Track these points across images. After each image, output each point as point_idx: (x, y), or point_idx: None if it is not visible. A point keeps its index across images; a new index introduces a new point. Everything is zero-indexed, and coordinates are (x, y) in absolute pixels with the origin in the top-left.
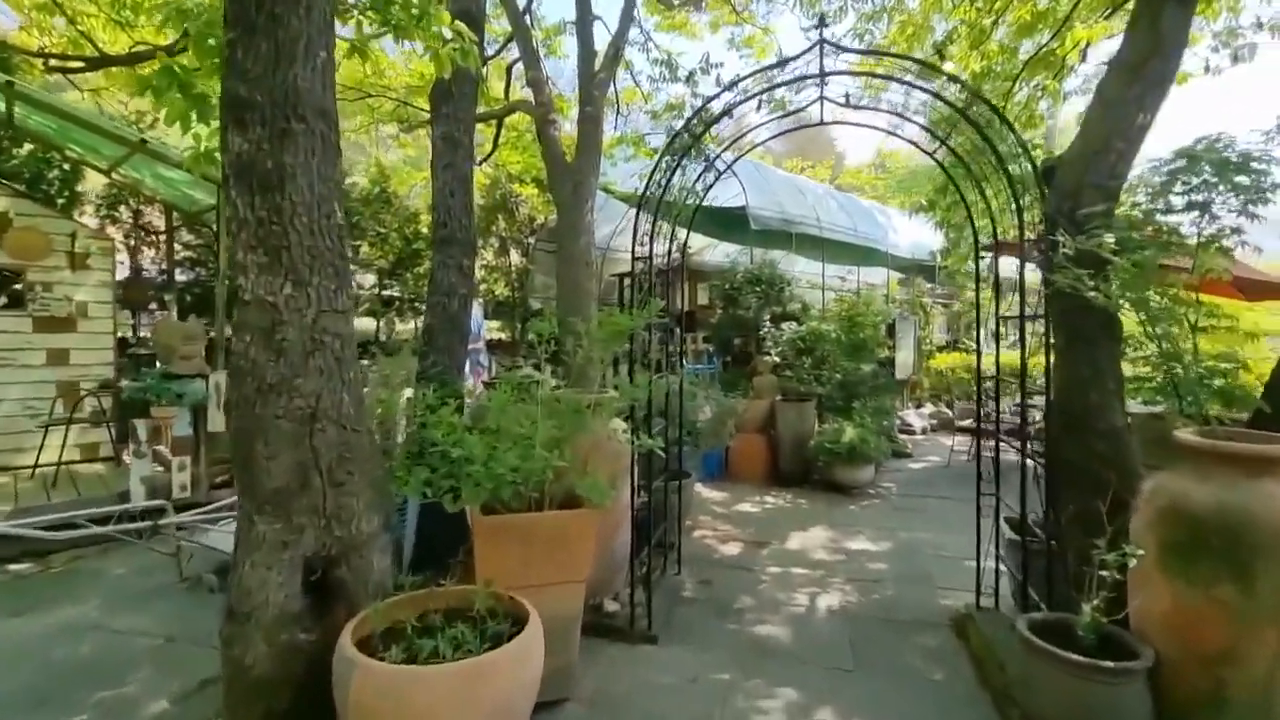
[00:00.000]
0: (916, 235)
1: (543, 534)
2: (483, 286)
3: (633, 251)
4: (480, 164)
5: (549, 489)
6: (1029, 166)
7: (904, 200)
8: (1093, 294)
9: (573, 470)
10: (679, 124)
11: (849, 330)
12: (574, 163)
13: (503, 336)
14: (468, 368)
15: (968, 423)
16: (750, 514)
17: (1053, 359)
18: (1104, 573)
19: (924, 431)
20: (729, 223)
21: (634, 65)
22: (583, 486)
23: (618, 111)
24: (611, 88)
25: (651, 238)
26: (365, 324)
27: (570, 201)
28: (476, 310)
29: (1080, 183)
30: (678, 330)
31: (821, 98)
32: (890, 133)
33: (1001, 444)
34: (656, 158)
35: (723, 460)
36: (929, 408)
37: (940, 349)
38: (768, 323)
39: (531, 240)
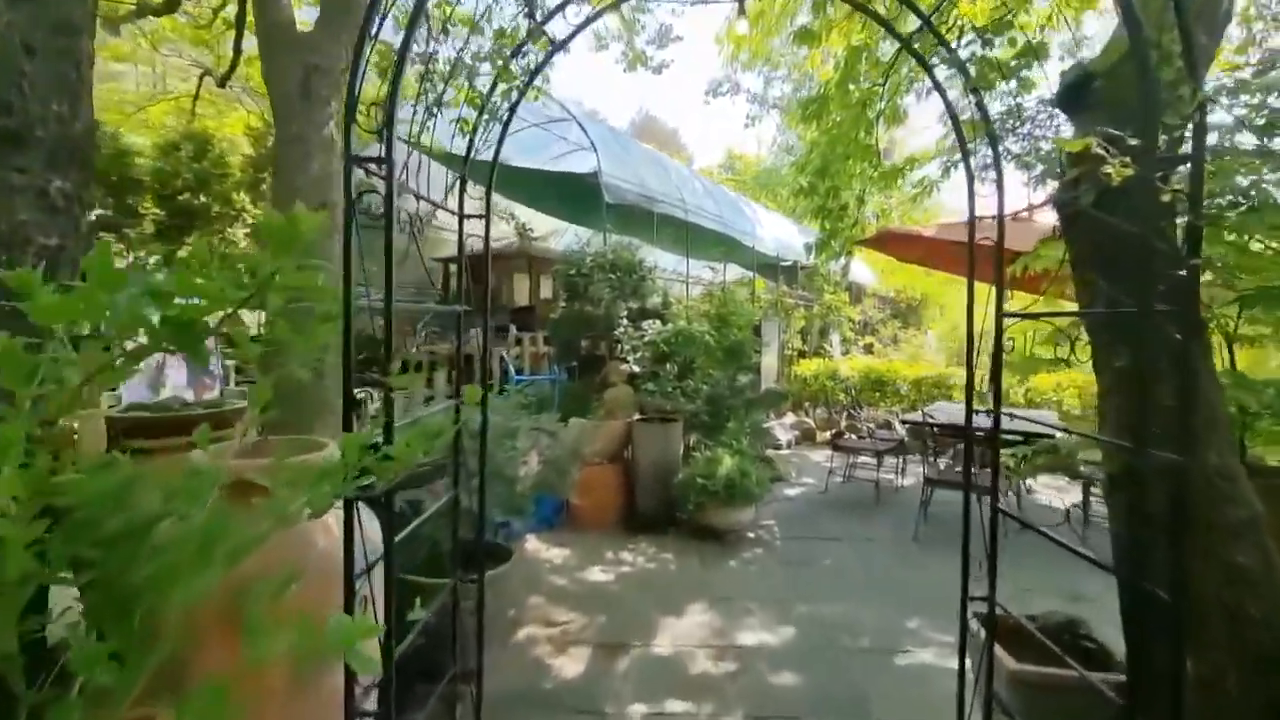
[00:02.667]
0: (779, 232)
1: None
2: None
3: (387, 142)
4: (222, 84)
5: None
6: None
7: (760, 195)
8: None
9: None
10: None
11: (720, 331)
12: (311, 34)
13: None
14: (182, 381)
15: (828, 435)
16: (601, 586)
17: (1105, 391)
18: None
19: (789, 445)
20: (578, 196)
21: None
22: None
23: (429, 34)
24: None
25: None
26: None
27: (296, 98)
28: None
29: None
30: (512, 329)
31: None
32: None
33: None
34: None
35: (563, 501)
36: (790, 417)
37: (800, 354)
38: (624, 320)
39: None
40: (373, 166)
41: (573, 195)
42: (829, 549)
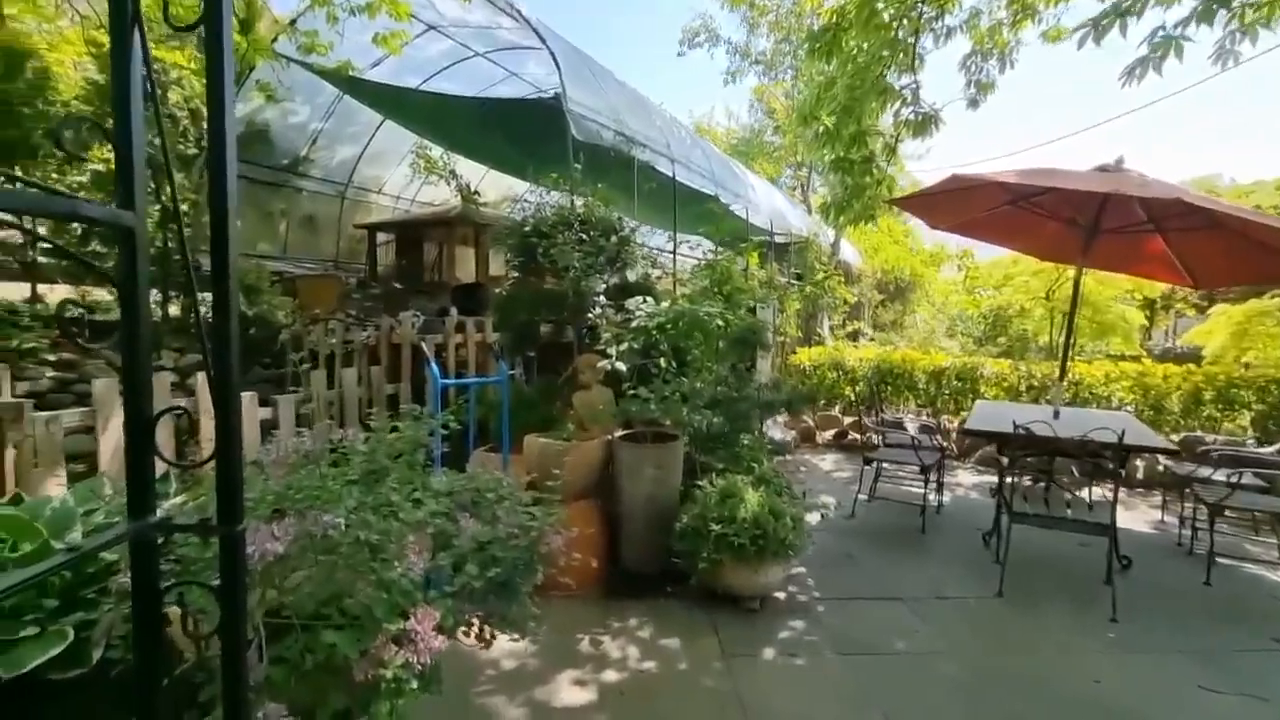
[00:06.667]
0: (772, 200)
1: None
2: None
3: None
4: None
5: None
6: None
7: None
8: None
9: None
10: None
11: (731, 312)
12: None
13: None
14: None
15: (829, 435)
16: (572, 716)
17: None
18: None
19: (791, 450)
20: (534, 135)
21: None
22: None
23: None
24: None
25: None
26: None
27: None
28: None
29: None
30: (453, 313)
31: None
32: None
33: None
34: None
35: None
36: (783, 415)
37: (797, 342)
38: (600, 299)
39: (198, 153)
40: None
41: (525, 130)
42: (894, 618)
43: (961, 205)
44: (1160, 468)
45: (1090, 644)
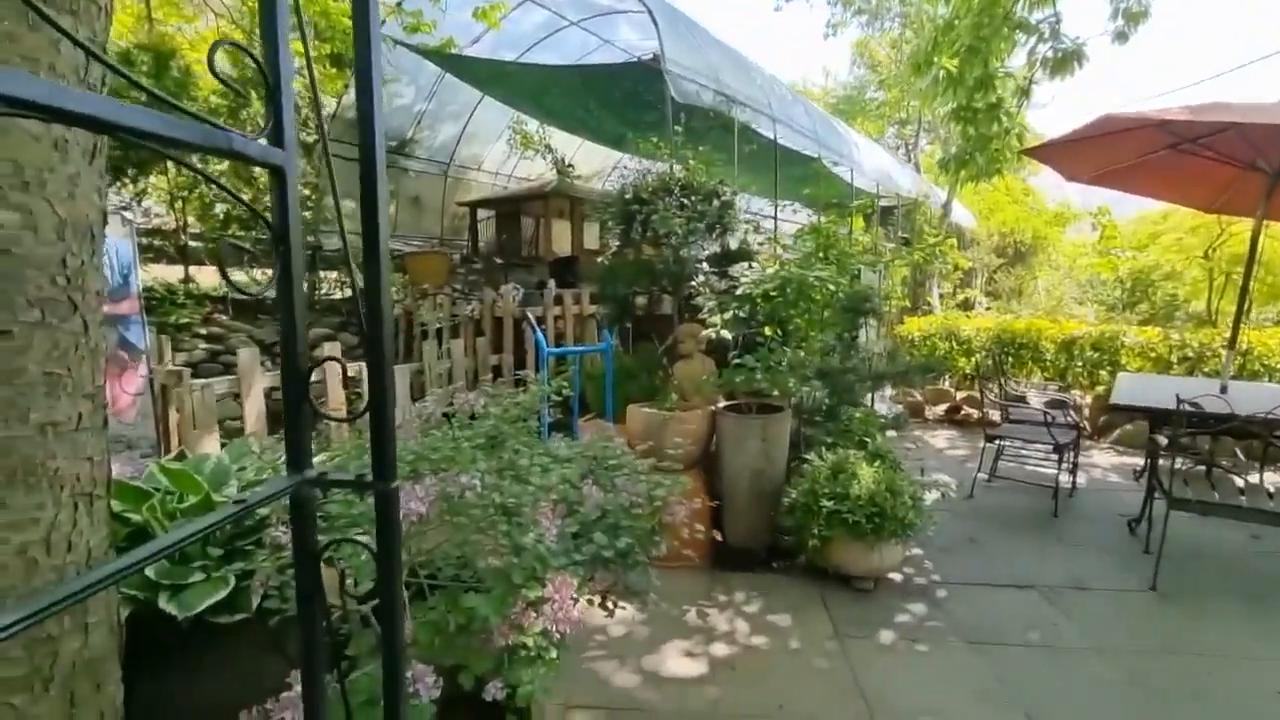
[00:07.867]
0: (877, 161)
1: None
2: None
3: None
4: None
5: None
6: None
7: (862, 124)
8: None
9: None
10: None
11: (839, 276)
12: None
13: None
14: (104, 347)
15: (940, 410)
16: (687, 692)
17: None
18: None
19: (903, 425)
20: (631, 102)
21: None
22: None
23: None
24: None
25: None
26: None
27: None
28: (116, 239)
29: None
30: (551, 285)
31: None
32: None
33: None
34: None
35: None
36: (888, 389)
37: (905, 310)
38: (703, 266)
39: (319, 135)
40: None
41: (620, 96)
42: (1028, 608)
43: (1108, 152)
44: None
45: (1270, 651)
